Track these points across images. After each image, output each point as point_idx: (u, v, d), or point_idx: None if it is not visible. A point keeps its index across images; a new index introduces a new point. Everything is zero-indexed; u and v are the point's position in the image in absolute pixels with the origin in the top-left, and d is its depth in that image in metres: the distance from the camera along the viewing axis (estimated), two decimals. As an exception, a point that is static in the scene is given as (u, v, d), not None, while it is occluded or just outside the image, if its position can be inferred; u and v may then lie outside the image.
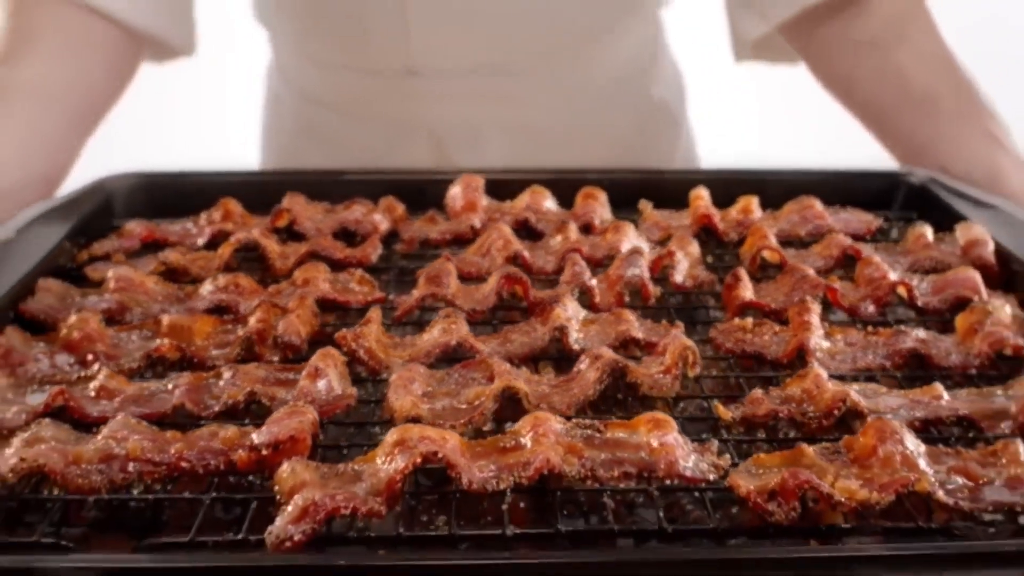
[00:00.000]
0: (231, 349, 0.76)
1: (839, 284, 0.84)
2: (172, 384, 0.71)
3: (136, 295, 0.83)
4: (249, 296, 0.84)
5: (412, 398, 0.67)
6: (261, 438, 0.63)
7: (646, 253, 0.89)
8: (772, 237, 0.92)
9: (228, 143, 1.56)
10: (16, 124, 1.02)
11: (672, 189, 1.03)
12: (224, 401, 0.68)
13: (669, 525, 0.58)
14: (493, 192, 1.02)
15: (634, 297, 0.84)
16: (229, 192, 1.00)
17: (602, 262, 0.90)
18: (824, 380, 0.69)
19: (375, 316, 0.77)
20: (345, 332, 0.74)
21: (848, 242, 0.91)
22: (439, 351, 0.75)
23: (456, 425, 0.65)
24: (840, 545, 0.58)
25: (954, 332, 0.78)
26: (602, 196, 1.01)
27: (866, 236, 0.97)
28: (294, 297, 0.81)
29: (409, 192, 1.03)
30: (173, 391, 0.70)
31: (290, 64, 1.32)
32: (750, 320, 0.80)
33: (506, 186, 1.03)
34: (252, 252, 0.92)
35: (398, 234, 0.98)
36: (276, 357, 0.76)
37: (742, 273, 0.84)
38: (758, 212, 1.00)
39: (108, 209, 1.00)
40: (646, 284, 0.84)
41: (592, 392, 0.69)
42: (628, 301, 0.83)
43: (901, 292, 0.84)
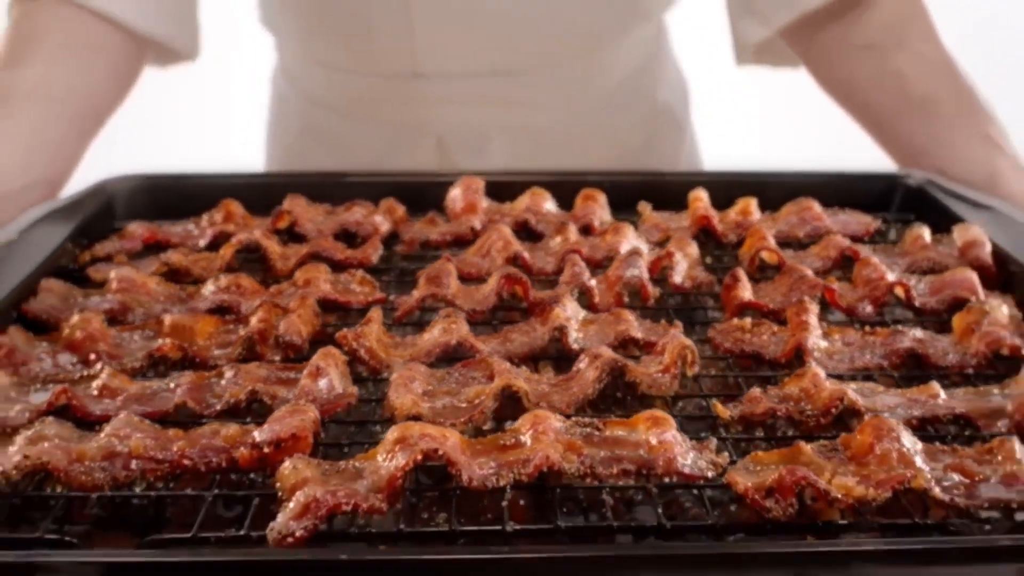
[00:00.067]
0: (233, 349, 0.76)
1: (837, 285, 0.84)
2: (174, 383, 0.71)
3: (138, 295, 0.84)
4: (250, 296, 0.84)
5: (413, 396, 0.67)
6: (263, 436, 0.63)
7: (645, 254, 0.89)
8: (771, 238, 0.92)
9: (230, 145, 1.57)
10: (19, 127, 1.02)
11: (672, 191, 1.04)
12: (226, 400, 0.69)
13: (668, 521, 0.59)
14: (493, 194, 1.02)
15: (633, 298, 0.85)
16: (230, 194, 1.00)
17: (601, 263, 0.91)
18: (822, 379, 0.70)
19: (376, 316, 0.78)
20: (346, 332, 0.75)
21: (846, 243, 0.92)
22: (439, 351, 0.75)
23: (456, 423, 0.66)
24: (837, 541, 0.59)
25: (951, 332, 0.79)
26: (602, 198, 1.02)
27: (864, 237, 0.98)
28: (295, 297, 0.82)
29: (409, 194, 1.03)
30: (175, 390, 0.70)
31: (295, 67, 1.32)
32: (749, 320, 0.80)
33: (506, 188, 1.03)
34: (253, 253, 0.92)
35: (399, 235, 0.99)
36: (277, 357, 0.76)
37: (741, 273, 0.85)
38: (757, 213, 1.00)
39: (110, 211, 1.01)
40: (645, 285, 0.84)
41: (591, 391, 0.69)
42: (627, 302, 0.84)
43: (899, 292, 0.84)
